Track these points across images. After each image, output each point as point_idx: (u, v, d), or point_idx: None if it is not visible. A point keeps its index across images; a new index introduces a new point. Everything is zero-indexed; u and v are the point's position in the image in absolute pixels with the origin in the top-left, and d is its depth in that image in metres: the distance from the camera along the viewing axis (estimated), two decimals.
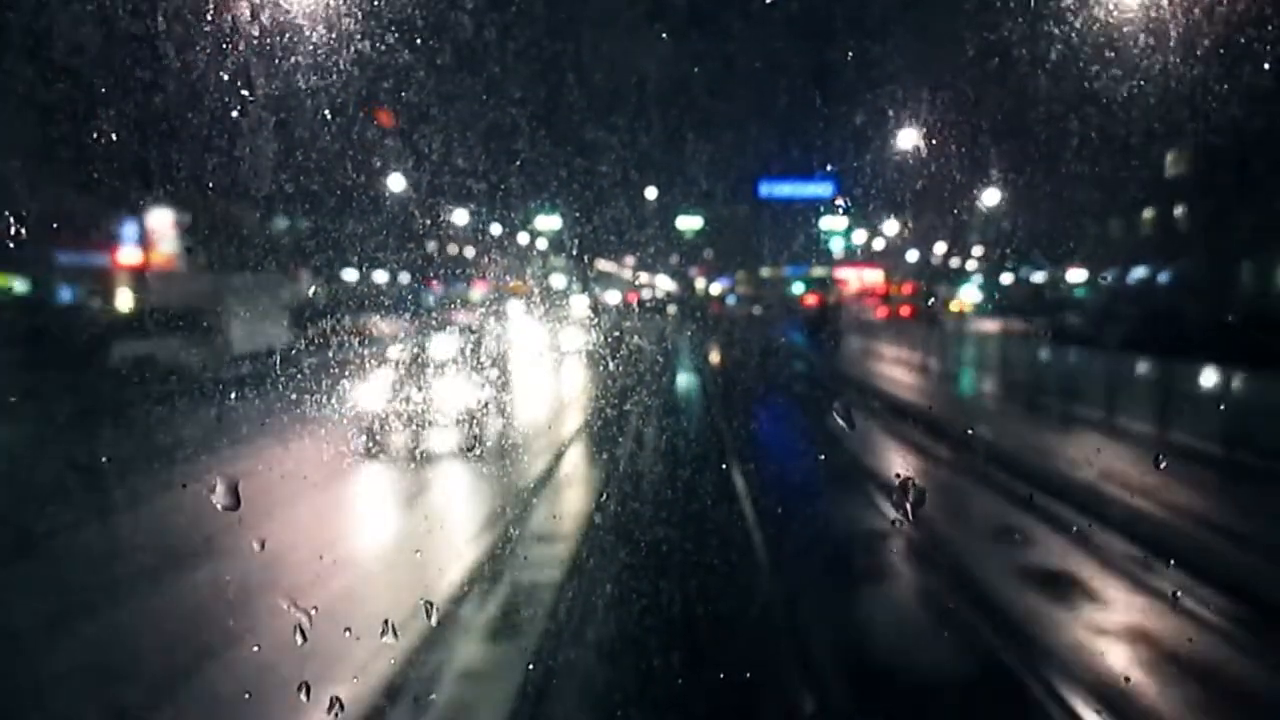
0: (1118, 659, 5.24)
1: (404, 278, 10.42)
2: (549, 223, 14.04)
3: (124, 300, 14.24)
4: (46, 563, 5.65)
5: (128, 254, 14.12)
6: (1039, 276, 21.24)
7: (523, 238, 14.50)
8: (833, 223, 18.82)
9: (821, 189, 18.51)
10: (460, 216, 12.09)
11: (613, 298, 16.77)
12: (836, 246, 20.60)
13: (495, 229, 13.19)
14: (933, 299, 17.66)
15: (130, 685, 4.43)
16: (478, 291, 11.67)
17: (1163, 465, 8.22)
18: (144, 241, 14.04)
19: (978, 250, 19.76)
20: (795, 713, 4.62)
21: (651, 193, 16.16)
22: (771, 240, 20.98)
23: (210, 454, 5.84)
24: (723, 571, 5.90)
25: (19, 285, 12.83)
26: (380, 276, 9.77)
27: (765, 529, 7.06)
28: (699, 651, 4.91)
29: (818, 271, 19.26)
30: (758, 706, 4.46)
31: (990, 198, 16.45)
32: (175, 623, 4.88)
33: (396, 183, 10.41)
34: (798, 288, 19.35)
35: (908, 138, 9.10)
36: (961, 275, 20.00)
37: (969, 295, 17.12)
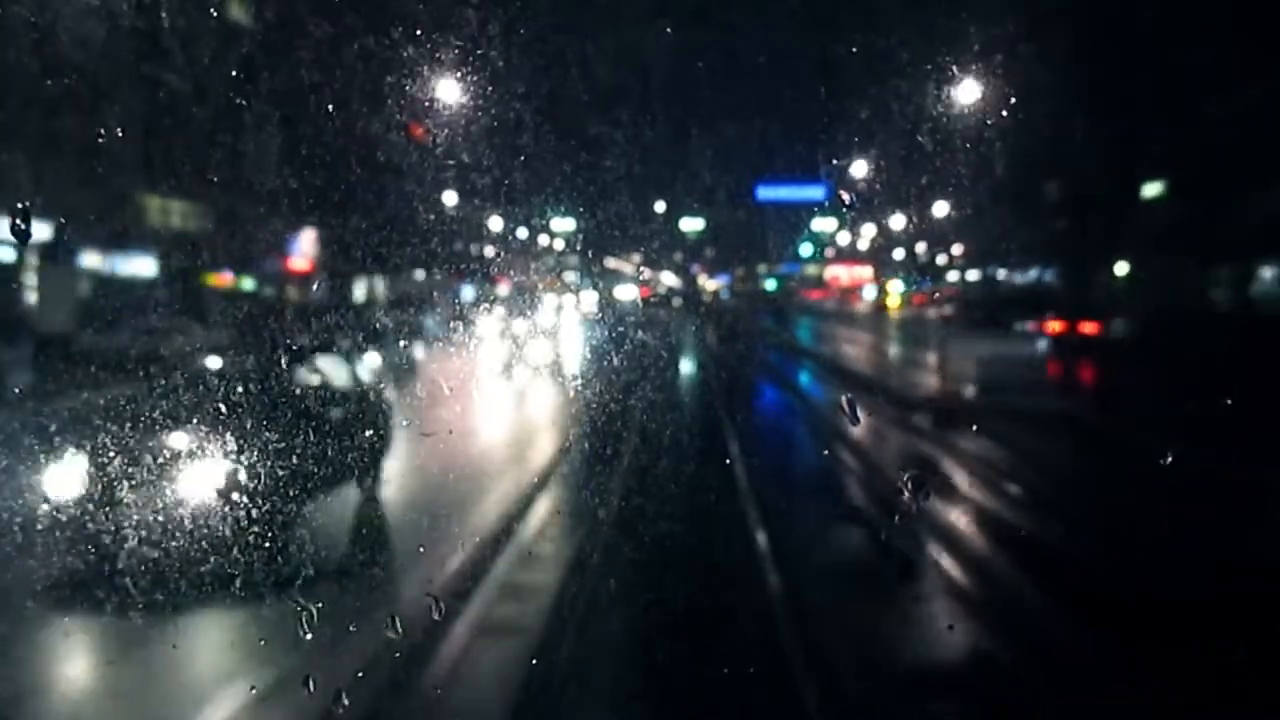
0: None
1: (438, 275, 14.36)
2: (564, 224, 17.09)
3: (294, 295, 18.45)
4: None
5: (296, 261, 18.42)
6: (1002, 274, 24.88)
7: (542, 239, 16.80)
8: (823, 224, 21.99)
9: (814, 193, 19.92)
10: (495, 222, 15.64)
11: (627, 293, 18.87)
12: (827, 246, 23.92)
13: (522, 232, 16.69)
14: (878, 292, 21.60)
15: None
16: (503, 287, 13.82)
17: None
18: (304, 251, 18.31)
19: (931, 250, 23.39)
20: None
21: (659, 201, 18.98)
22: (766, 240, 23.11)
23: None
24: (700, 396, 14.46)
25: (248, 284, 16.53)
26: (419, 275, 13.79)
27: (730, 390, 15.81)
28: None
29: (783, 270, 23.13)
30: None
31: (940, 209, 20.76)
32: None
33: (450, 197, 12.71)
34: (770, 284, 23.35)
35: (879, 155, 11.12)
36: (927, 273, 23.71)
37: (895, 289, 21.02)
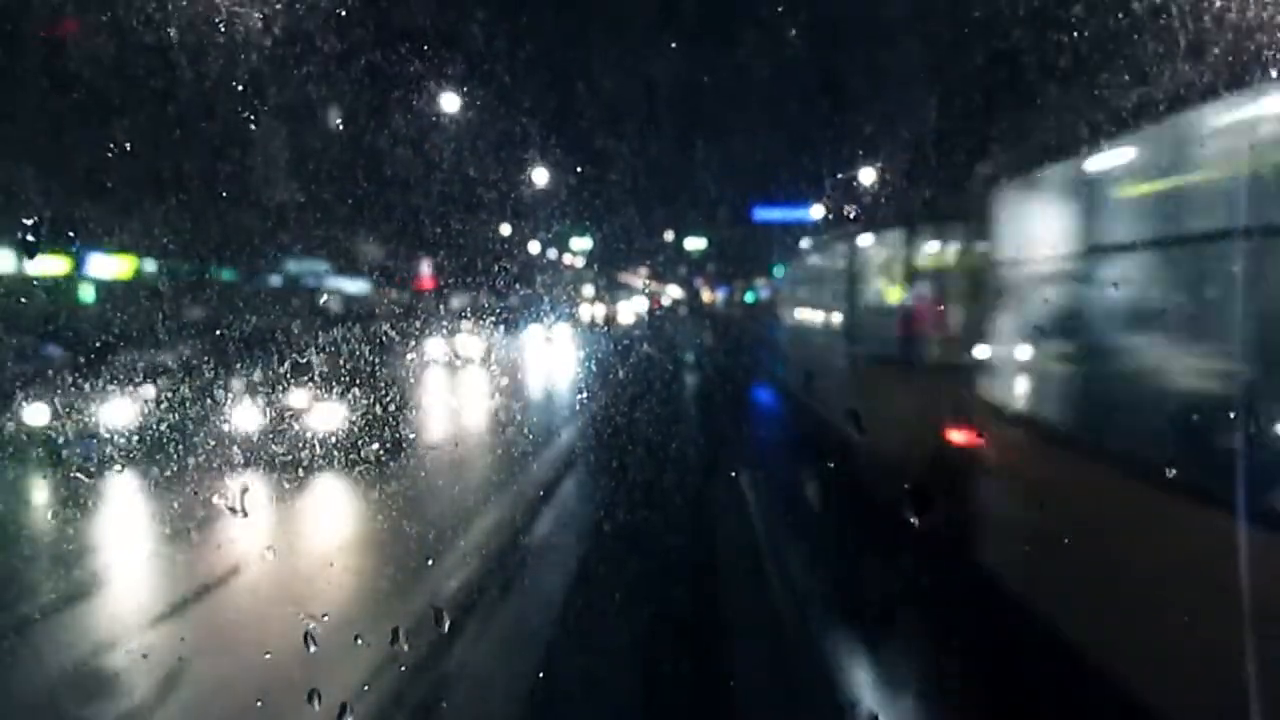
0: None
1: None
2: (582, 243, 18.53)
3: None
4: None
5: (424, 282, 22.04)
6: None
7: (565, 257, 19.38)
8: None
9: (805, 213, 20.87)
10: (534, 246, 18.77)
11: (640, 304, 22.49)
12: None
13: (552, 253, 19.77)
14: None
15: None
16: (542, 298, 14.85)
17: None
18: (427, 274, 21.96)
19: None
20: None
21: (667, 231, 21.07)
22: (769, 255, 24.92)
23: None
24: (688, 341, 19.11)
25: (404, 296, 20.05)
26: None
27: (712, 354, 20.11)
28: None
29: (776, 284, 26.92)
30: None
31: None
32: None
33: (505, 228, 13.08)
34: (749, 297, 27.44)
35: (846, 184, 11.32)
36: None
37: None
